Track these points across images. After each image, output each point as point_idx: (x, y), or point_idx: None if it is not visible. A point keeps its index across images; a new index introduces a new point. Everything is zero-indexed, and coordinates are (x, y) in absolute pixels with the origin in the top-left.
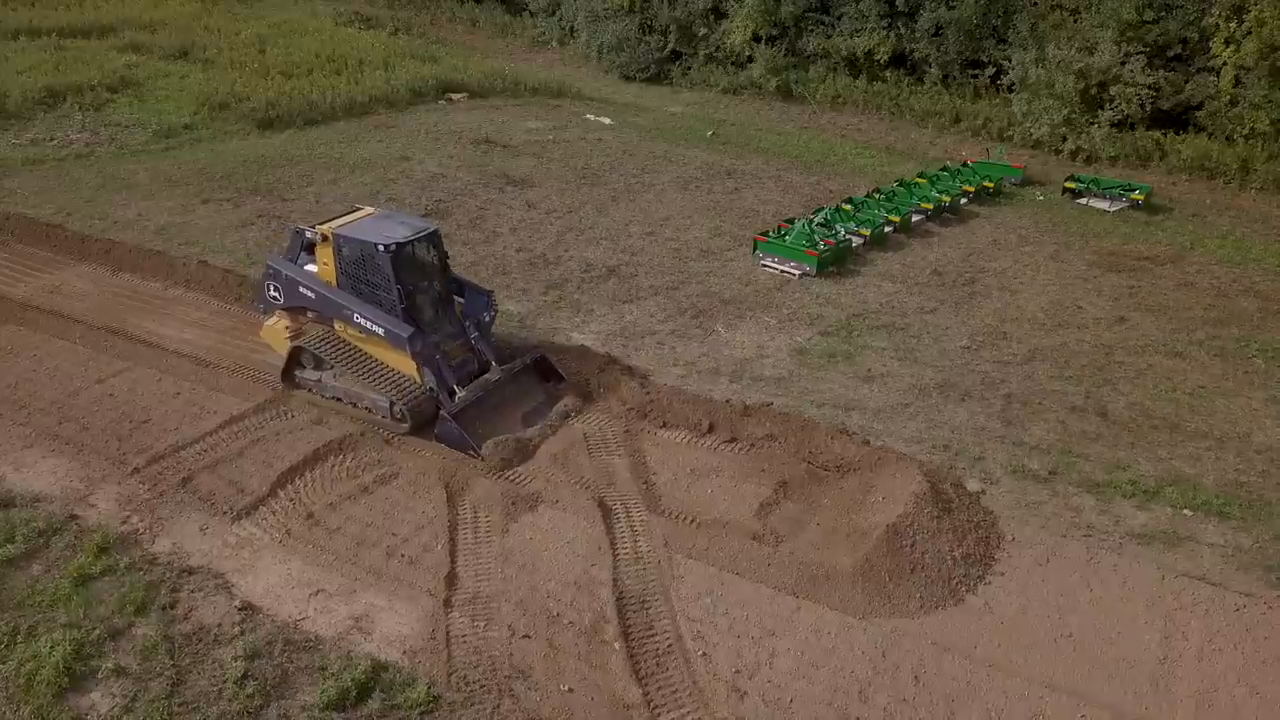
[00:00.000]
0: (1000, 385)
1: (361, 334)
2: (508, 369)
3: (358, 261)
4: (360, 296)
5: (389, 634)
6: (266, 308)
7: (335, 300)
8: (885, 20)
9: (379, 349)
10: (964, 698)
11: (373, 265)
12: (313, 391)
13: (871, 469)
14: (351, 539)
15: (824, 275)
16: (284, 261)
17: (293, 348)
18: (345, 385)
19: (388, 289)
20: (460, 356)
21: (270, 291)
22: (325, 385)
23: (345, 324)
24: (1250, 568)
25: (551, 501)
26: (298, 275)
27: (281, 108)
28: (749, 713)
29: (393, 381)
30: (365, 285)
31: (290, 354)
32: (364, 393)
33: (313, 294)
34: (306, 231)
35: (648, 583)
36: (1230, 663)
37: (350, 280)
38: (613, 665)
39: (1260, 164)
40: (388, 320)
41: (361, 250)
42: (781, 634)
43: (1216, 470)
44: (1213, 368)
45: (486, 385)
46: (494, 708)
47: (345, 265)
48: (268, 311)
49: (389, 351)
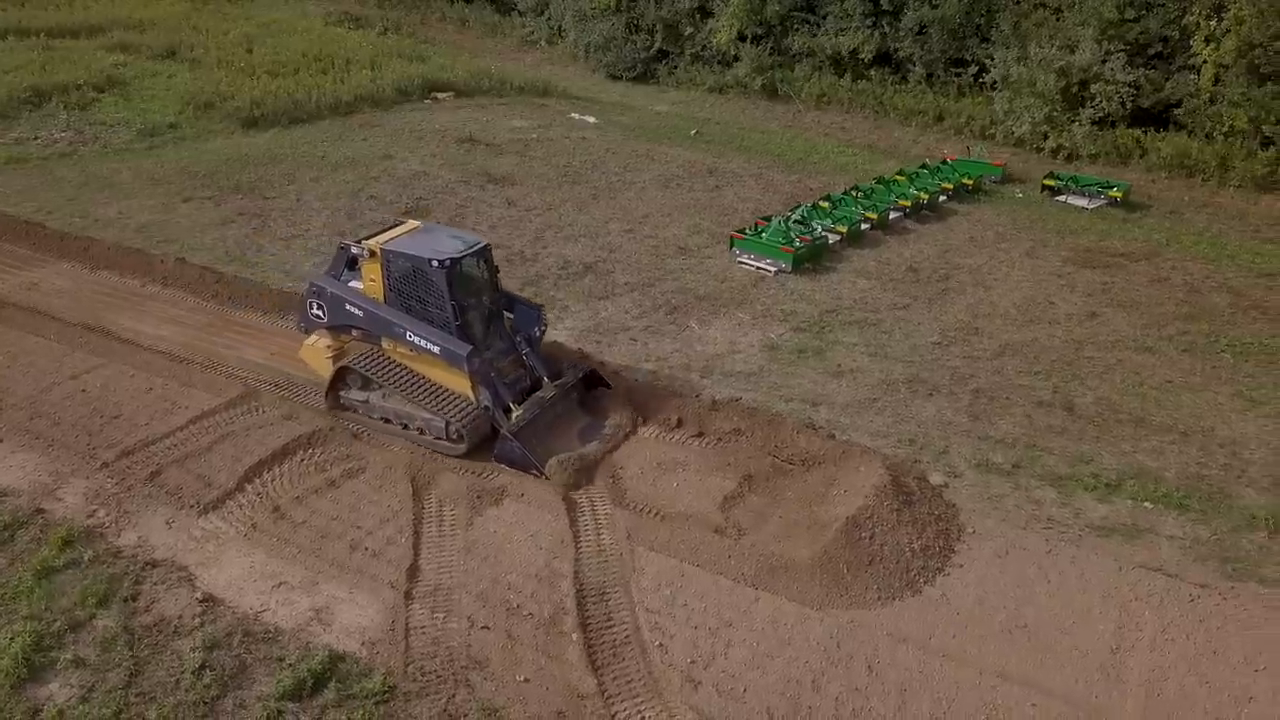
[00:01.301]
0: (969, 380)
1: (412, 352)
2: (561, 384)
3: (408, 278)
4: (410, 313)
5: (348, 625)
6: (309, 326)
7: (386, 318)
8: (870, 19)
9: (430, 367)
10: (915, 687)
11: (425, 281)
12: (359, 413)
13: (836, 463)
14: (316, 532)
15: (800, 272)
16: (329, 279)
17: (339, 368)
18: (395, 406)
19: (441, 305)
20: (513, 373)
21: (313, 310)
22: (373, 406)
23: (395, 342)
24: (1207, 559)
25: (517, 495)
26: (344, 293)
27: (266, 107)
28: (702, 702)
29: (447, 400)
30: (416, 302)
31: (335, 374)
32: (416, 413)
33: (361, 312)
34: (353, 247)
35: (608, 575)
36: (1182, 652)
37: (399, 297)
38: (569, 656)
39: (1238, 162)
40: (442, 338)
41: (413, 266)
42: (738, 625)
43: (1179, 464)
44: (1181, 363)
45: (542, 402)
46: (449, 698)
47: (394, 282)
48: (309, 330)
49: (441, 370)
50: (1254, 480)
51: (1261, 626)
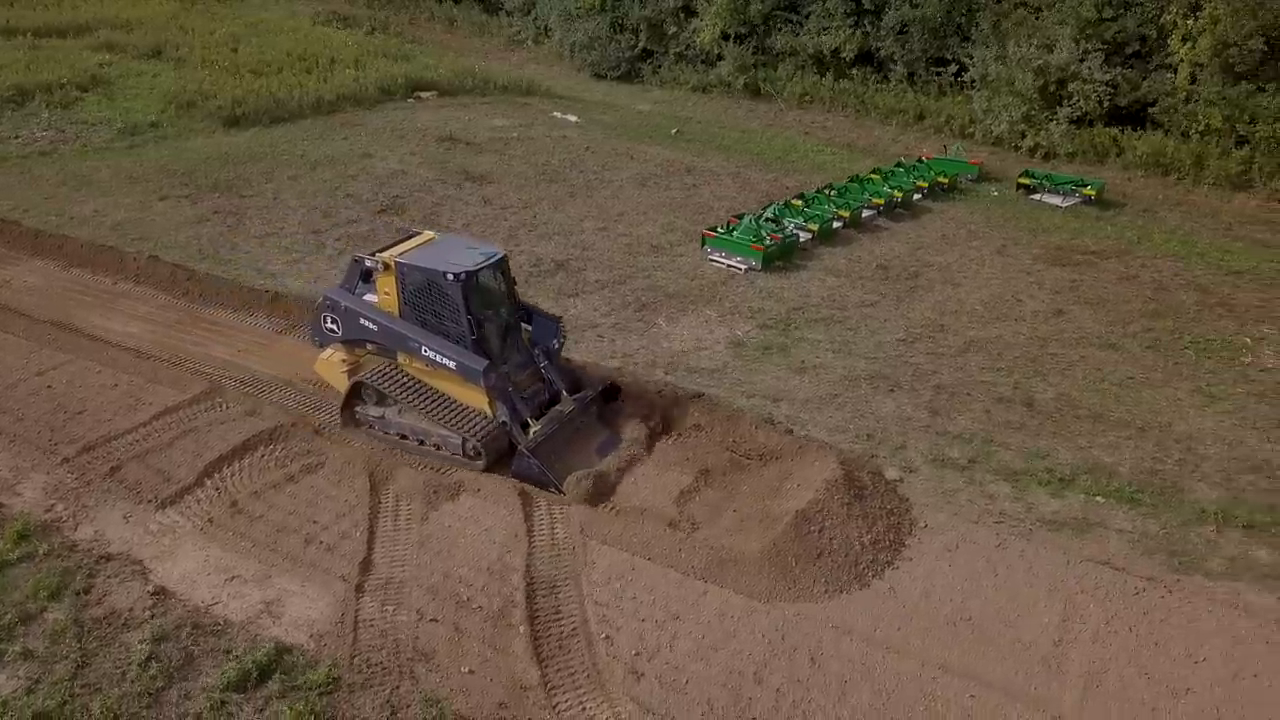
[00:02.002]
0: (931, 376)
1: (428, 367)
2: (579, 399)
3: (423, 291)
4: (426, 327)
5: (298, 618)
6: (322, 340)
7: (401, 332)
8: (851, 18)
9: (446, 382)
10: (856, 678)
11: (440, 295)
12: (374, 429)
13: (792, 458)
14: (272, 526)
15: (770, 270)
16: (342, 292)
17: (354, 383)
18: (411, 422)
19: (457, 319)
20: (531, 387)
21: (327, 324)
22: (389, 422)
23: (411, 356)
24: (1155, 553)
25: (473, 490)
26: (359, 307)
27: (248, 106)
28: (644, 694)
29: (463, 416)
30: (432, 315)
31: (350, 390)
32: (432, 429)
33: (375, 326)
34: (366, 260)
35: (560, 568)
36: (1124, 644)
37: (415, 311)
38: (515, 648)
39: (1213, 160)
40: (459, 352)
41: (428, 279)
42: (686, 617)
43: (1134, 459)
44: (1144, 359)
45: (560, 417)
46: (393, 689)
47: (409, 295)
48: (323, 344)
49: (458, 384)
50: (1207, 475)
51: (1204, 619)
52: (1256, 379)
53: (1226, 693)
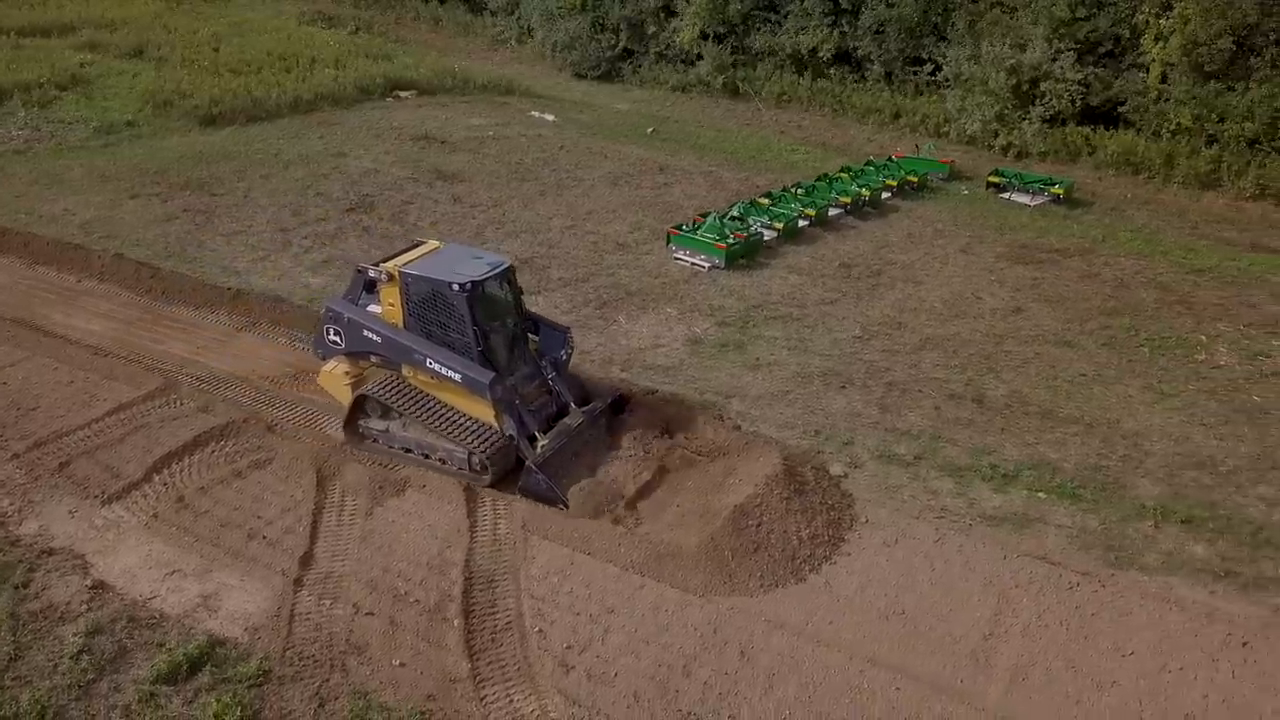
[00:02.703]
0: (884, 373)
1: (433, 379)
2: (588, 411)
3: (428, 301)
4: (430, 338)
5: (234, 611)
6: (325, 353)
7: (405, 344)
8: (829, 18)
9: (452, 395)
10: (784, 671)
11: (445, 305)
12: (378, 443)
13: (739, 453)
14: (217, 521)
15: (734, 268)
16: (345, 303)
17: (357, 396)
18: (416, 435)
19: (462, 330)
20: (538, 399)
21: (330, 335)
22: (393, 436)
23: (415, 369)
24: (1092, 548)
25: (419, 486)
26: (362, 318)
27: (225, 105)
28: (572, 686)
29: (469, 430)
30: (436, 327)
31: (353, 403)
32: (438, 443)
33: (379, 338)
34: (370, 270)
35: (500, 563)
36: (1053, 638)
37: (419, 321)
38: (449, 641)
39: (1183, 159)
40: (464, 364)
41: (432, 289)
42: (620, 611)
43: (1079, 455)
44: (1098, 356)
45: (569, 431)
46: (322, 681)
47: (414, 306)
48: (326, 357)
49: (463, 397)
50: (1150, 471)
51: (1134, 613)
52: (1208, 376)
53: (1150, 685)
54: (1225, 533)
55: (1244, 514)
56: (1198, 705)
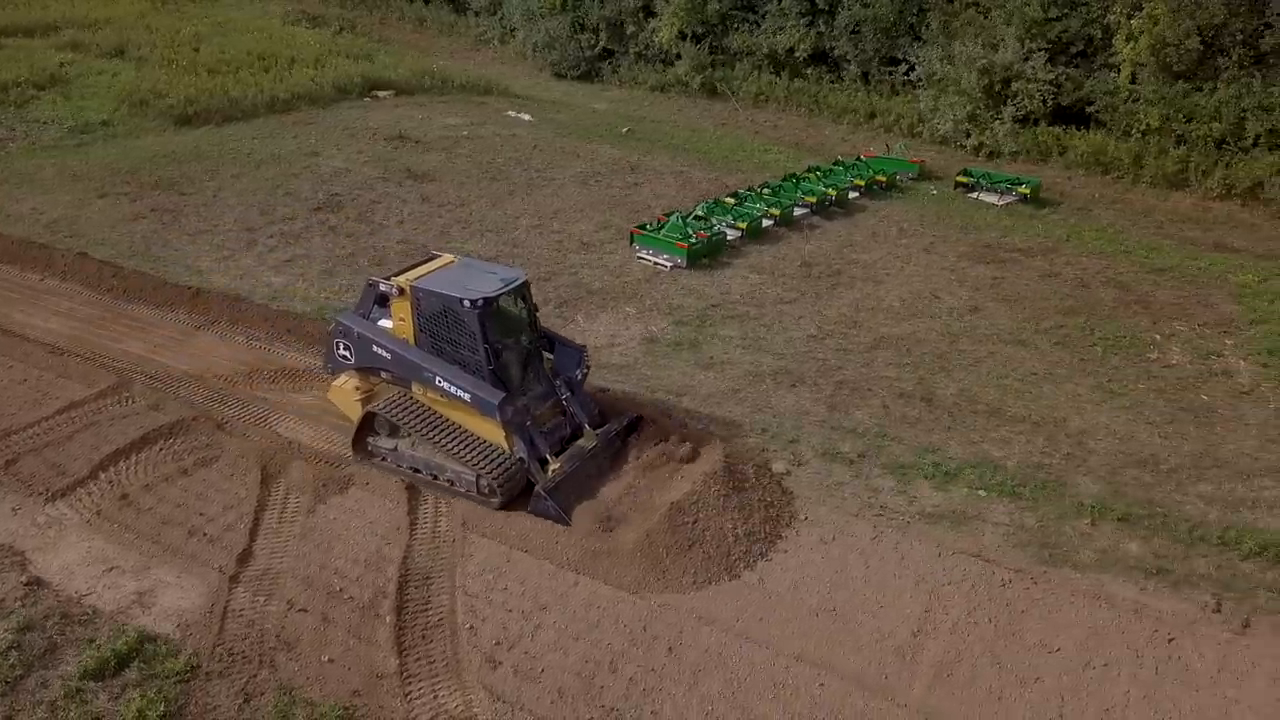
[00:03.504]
0: (836, 372)
1: (443, 398)
2: (603, 433)
3: (439, 317)
4: (441, 355)
5: (168, 608)
6: (335, 368)
7: (415, 361)
8: (806, 18)
9: (463, 414)
10: (710, 667)
11: (456, 322)
12: (386, 461)
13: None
14: (159, 519)
15: (696, 267)
16: (355, 318)
17: (365, 414)
18: (425, 456)
19: (473, 348)
20: (551, 420)
21: (340, 350)
22: (401, 455)
23: (425, 387)
24: (1027, 545)
25: (363, 484)
26: (371, 333)
27: (201, 104)
28: (497, 682)
29: (479, 451)
30: (447, 344)
31: (362, 420)
32: (446, 464)
33: (388, 354)
34: (381, 284)
35: (437, 561)
36: (981, 635)
37: (430, 338)
38: (379, 637)
39: (1151, 159)
40: (474, 384)
41: (444, 305)
42: (553, 608)
43: (1023, 453)
44: (1051, 355)
45: (582, 454)
46: (250, 677)
47: (425, 322)
48: (335, 372)
49: (474, 417)
50: (1092, 470)
51: (1064, 610)
52: (1159, 375)
53: (1073, 681)
54: (1161, 531)
55: (1181, 512)
56: (1119, 701)
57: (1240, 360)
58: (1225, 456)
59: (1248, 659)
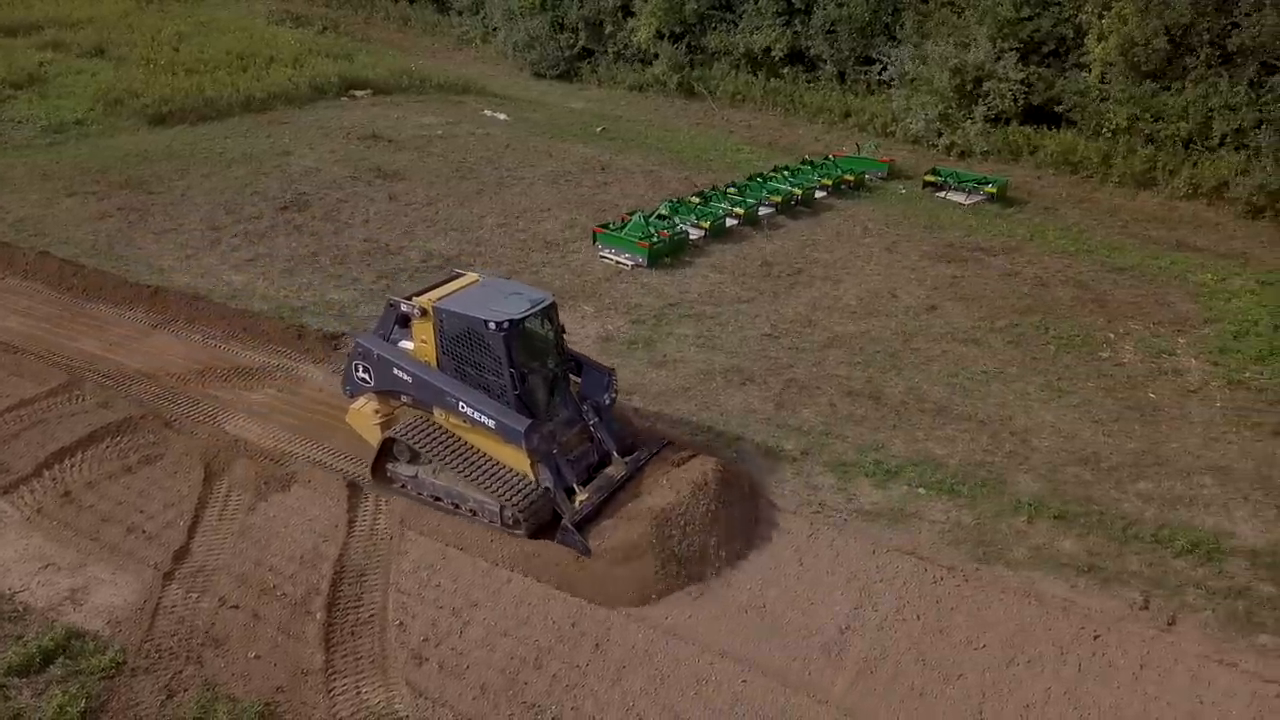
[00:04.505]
0: (786, 370)
1: (466, 424)
2: (633, 461)
3: (462, 339)
4: (464, 379)
5: (100, 605)
6: (353, 390)
7: (437, 385)
8: (782, 18)
9: (487, 440)
10: (635, 663)
11: (481, 345)
12: (406, 488)
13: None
14: (99, 516)
15: (658, 266)
16: (375, 339)
17: (385, 439)
18: (447, 483)
19: (498, 372)
20: (578, 447)
21: (358, 373)
22: (422, 482)
23: (448, 412)
24: (962, 543)
25: (305, 482)
26: (392, 356)
27: (176, 104)
28: (421, 678)
29: (503, 480)
30: (471, 367)
31: (382, 445)
32: (469, 493)
33: (409, 378)
34: (402, 304)
35: (372, 558)
36: (908, 632)
37: (453, 361)
38: (308, 634)
39: (1120, 158)
40: (499, 410)
41: (468, 327)
42: (484, 605)
43: (966, 451)
44: (1003, 354)
45: (610, 483)
46: (175, 673)
47: (448, 344)
48: (354, 394)
49: (498, 444)
50: (1034, 468)
51: (993, 608)
52: (1109, 374)
53: (996, 678)
54: (1096, 528)
55: (1118, 509)
56: (1039, 698)
57: (1192, 359)
58: (1167, 455)
59: (1170, 656)
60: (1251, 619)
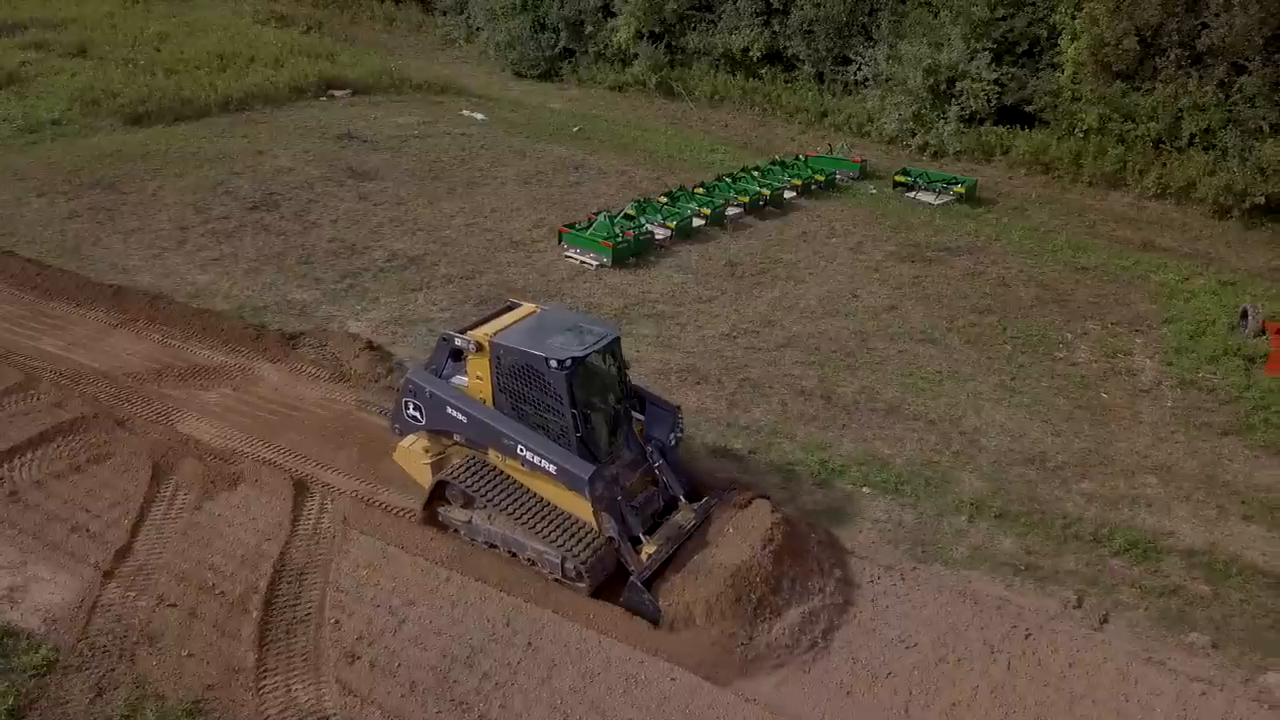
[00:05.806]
0: (741, 370)
1: (525, 467)
2: (701, 508)
3: (520, 376)
4: (521, 418)
5: (37, 603)
6: (403, 428)
7: (494, 426)
8: (761, 18)
9: (544, 485)
10: (566, 662)
11: (540, 383)
12: (460, 534)
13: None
14: (44, 515)
15: (622, 266)
16: (427, 375)
17: (436, 482)
18: (503, 529)
19: (559, 412)
20: (643, 491)
21: (408, 410)
22: (477, 528)
23: (504, 455)
24: (902, 542)
25: (252, 481)
26: (446, 394)
27: (153, 104)
28: (353, 676)
29: (564, 529)
30: (530, 406)
31: (433, 488)
32: (527, 542)
33: (465, 417)
34: (456, 339)
35: (313, 556)
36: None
37: (510, 398)
38: (243, 632)
39: (1090, 158)
40: (560, 454)
41: (527, 364)
42: (421, 603)
43: (913, 450)
44: (959, 353)
45: (679, 533)
46: (107, 671)
47: (504, 381)
48: (404, 432)
49: (558, 489)
50: (980, 468)
51: (927, 606)
52: (1063, 374)
53: (924, 676)
54: (1037, 527)
55: (1060, 508)
56: (966, 696)
57: (1147, 359)
58: (1114, 454)
59: (1100, 654)
60: (1183, 618)
